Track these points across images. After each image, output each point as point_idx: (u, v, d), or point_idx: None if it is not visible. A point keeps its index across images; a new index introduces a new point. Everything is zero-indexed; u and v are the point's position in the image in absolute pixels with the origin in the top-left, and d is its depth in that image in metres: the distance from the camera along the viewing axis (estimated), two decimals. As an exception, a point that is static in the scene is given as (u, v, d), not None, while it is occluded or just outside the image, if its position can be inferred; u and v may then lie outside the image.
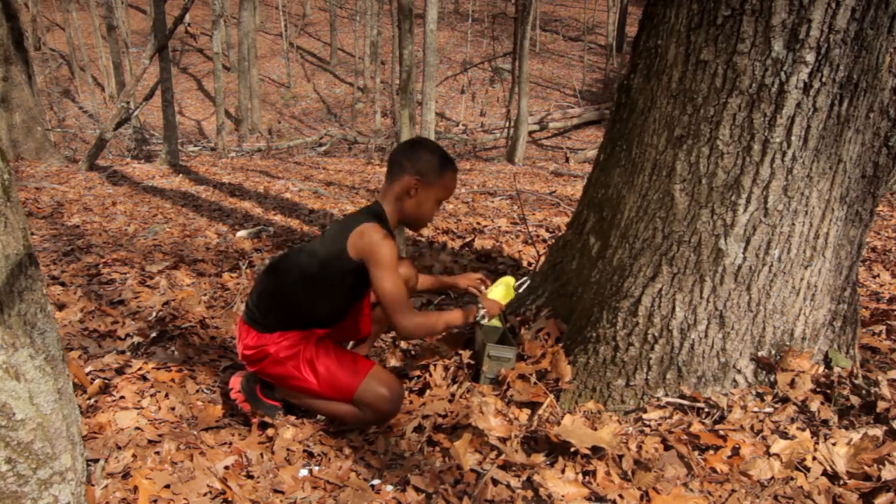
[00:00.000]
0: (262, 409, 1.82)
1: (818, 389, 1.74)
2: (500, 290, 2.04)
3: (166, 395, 1.93)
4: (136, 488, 1.48)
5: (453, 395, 1.92)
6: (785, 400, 1.71)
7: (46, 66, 20.69)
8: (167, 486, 1.51)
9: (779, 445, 1.56)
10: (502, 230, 4.38)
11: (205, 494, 1.49)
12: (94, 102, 18.59)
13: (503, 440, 1.66)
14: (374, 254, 1.63)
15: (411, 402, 1.90)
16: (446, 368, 2.02)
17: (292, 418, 1.83)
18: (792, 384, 1.72)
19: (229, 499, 1.48)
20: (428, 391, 1.93)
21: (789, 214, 1.61)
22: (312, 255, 1.75)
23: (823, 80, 1.51)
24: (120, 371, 2.07)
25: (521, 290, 2.11)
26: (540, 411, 1.80)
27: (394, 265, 1.65)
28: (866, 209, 1.76)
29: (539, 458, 1.60)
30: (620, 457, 1.56)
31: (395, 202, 1.79)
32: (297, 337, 1.77)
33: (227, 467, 1.59)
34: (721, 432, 1.62)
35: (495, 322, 2.18)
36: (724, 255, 1.64)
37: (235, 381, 1.87)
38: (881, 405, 1.65)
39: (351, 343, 2.10)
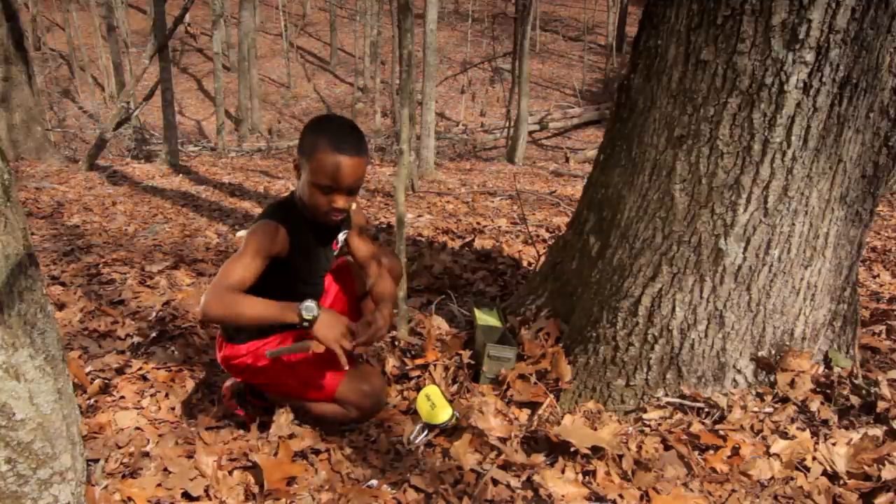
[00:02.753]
0: (255, 411, 1.82)
1: (818, 389, 1.74)
2: (423, 402, 1.77)
3: (166, 395, 1.93)
4: (135, 488, 1.48)
5: (453, 395, 1.92)
6: (785, 400, 1.71)
7: (46, 66, 20.68)
8: (167, 487, 1.51)
9: (779, 445, 1.56)
10: (502, 230, 4.38)
11: (206, 493, 1.49)
12: (94, 102, 18.57)
13: (503, 440, 1.66)
14: (244, 240, 1.58)
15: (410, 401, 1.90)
16: (446, 368, 2.02)
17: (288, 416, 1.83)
18: (792, 384, 1.72)
19: (229, 499, 1.48)
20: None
21: (789, 214, 1.61)
22: None
23: (823, 80, 1.51)
24: (120, 371, 2.07)
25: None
26: (540, 411, 1.80)
27: (247, 250, 1.52)
28: (866, 209, 1.76)
29: (539, 458, 1.60)
30: (620, 457, 1.56)
31: (297, 187, 1.65)
32: (273, 342, 1.76)
33: (222, 467, 1.59)
34: (721, 432, 1.62)
35: (495, 322, 2.18)
36: (724, 255, 1.64)
37: (227, 388, 1.88)
38: (881, 405, 1.65)
39: None
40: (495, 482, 1.52)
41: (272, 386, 1.78)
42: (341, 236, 1.83)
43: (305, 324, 1.51)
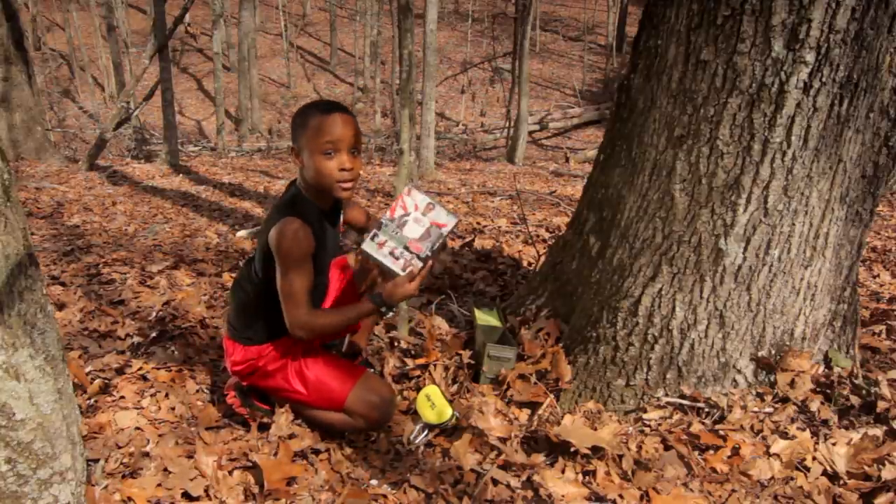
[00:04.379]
0: (258, 412, 1.82)
1: (818, 389, 1.74)
2: (423, 401, 1.79)
3: (166, 395, 1.93)
4: (135, 488, 1.48)
5: (453, 395, 1.92)
6: (785, 400, 1.71)
7: (46, 66, 20.67)
8: (167, 487, 1.51)
9: (779, 445, 1.56)
10: (502, 230, 4.38)
11: (206, 493, 1.49)
12: (94, 102, 18.57)
13: (503, 440, 1.66)
14: (275, 251, 1.59)
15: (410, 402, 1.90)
16: (446, 368, 2.02)
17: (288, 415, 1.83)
18: (792, 384, 1.72)
19: (229, 499, 1.48)
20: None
21: (789, 214, 1.61)
22: (256, 260, 1.73)
23: (823, 80, 1.51)
24: (120, 371, 2.07)
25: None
26: (540, 411, 1.80)
27: (292, 259, 1.58)
28: (866, 209, 1.76)
29: (539, 458, 1.60)
30: (620, 457, 1.56)
31: (301, 178, 1.69)
32: (285, 346, 1.75)
33: (223, 467, 1.59)
34: (721, 432, 1.62)
35: (495, 322, 2.18)
36: (724, 254, 1.64)
37: (230, 386, 1.87)
38: (881, 405, 1.65)
39: (346, 336, 2.10)
40: (495, 482, 1.52)
41: (281, 392, 1.77)
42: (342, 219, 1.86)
43: (386, 309, 1.66)
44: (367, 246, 1.62)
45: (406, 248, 1.60)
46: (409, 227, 1.61)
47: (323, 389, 1.72)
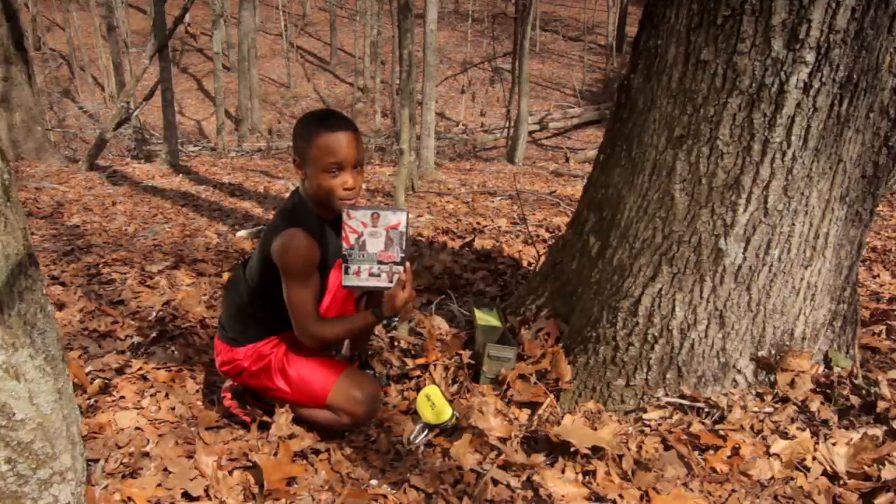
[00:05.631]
0: (257, 411, 1.83)
1: (818, 389, 1.74)
2: (423, 401, 1.79)
3: (166, 395, 1.93)
4: (135, 488, 1.48)
5: (453, 395, 1.92)
6: (785, 400, 1.71)
7: (46, 66, 20.67)
8: (167, 487, 1.51)
9: (779, 445, 1.56)
10: (502, 230, 4.38)
11: (206, 493, 1.49)
12: (94, 102, 18.58)
13: (503, 440, 1.66)
14: (281, 264, 1.60)
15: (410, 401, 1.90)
16: (446, 368, 2.02)
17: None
18: (792, 384, 1.72)
19: (229, 499, 1.48)
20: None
21: (789, 214, 1.61)
22: (254, 263, 1.74)
23: (823, 79, 1.51)
24: (120, 371, 2.07)
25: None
26: (540, 411, 1.80)
27: (299, 274, 1.60)
28: (866, 209, 1.76)
29: (539, 458, 1.60)
30: (620, 457, 1.56)
31: (303, 188, 1.70)
32: (269, 346, 1.76)
33: (223, 467, 1.59)
34: (721, 432, 1.62)
35: (495, 322, 2.18)
36: (724, 254, 1.64)
37: (226, 389, 1.87)
38: (881, 405, 1.65)
39: (346, 341, 2.10)
40: (495, 482, 1.52)
41: (267, 391, 1.78)
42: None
43: (389, 320, 1.68)
44: (347, 281, 1.65)
45: (380, 262, 1.62)
46: (371, 244, 1.62)
47: (305, 386, 1.73)
